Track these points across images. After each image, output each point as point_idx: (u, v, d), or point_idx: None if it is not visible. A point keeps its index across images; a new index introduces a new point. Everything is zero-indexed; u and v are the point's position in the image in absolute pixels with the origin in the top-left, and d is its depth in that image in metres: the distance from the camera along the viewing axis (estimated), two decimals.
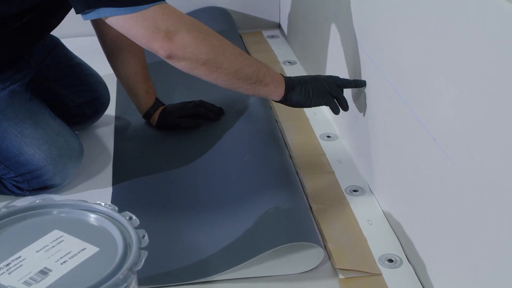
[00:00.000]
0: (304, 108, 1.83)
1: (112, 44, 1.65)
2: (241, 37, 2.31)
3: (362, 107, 1.52)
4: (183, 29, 1.29)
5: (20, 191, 1.50)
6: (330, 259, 1.29)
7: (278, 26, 2.43)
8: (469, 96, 1.00)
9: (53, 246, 1.02)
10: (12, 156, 1.46)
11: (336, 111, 1.47)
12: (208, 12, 2.34)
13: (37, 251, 1.01)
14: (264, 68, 1.40)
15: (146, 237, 1.04)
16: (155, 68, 1.98)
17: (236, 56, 1.36)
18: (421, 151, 1.20)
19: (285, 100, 1.44)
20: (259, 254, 1.24)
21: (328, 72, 1.80)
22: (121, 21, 1.27)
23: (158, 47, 1.29)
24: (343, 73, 1.64)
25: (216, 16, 2.32)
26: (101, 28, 1.65)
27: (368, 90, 1.47)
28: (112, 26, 1.30)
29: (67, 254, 1.01)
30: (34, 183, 1.49)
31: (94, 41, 1.70)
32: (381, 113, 1.40)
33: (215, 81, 1.37)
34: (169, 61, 1.33)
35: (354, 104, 1.56)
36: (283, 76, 1.44)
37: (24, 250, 1.01)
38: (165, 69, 2.05)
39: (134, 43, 1.66)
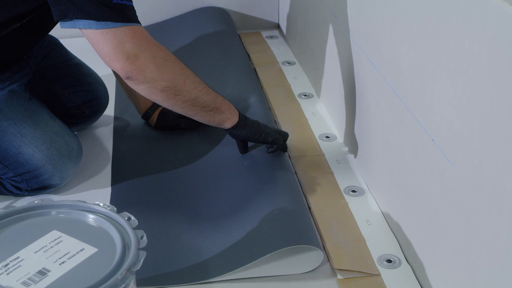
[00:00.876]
0: (303, 109, 1.84)
1: None
2: (240, 37, 2.31)
3: (361, 107, 1.52)
4: (147, 54, 1.30)
5: (19, 191, 1.50)
6: (329, 259, 1.29)
7: (277, 26, 2.43)
8: (468, 97, 1.00)
9: (52, 247, 1.02)
10: (11, 156, 1.46)
11: (271, 150, 1.52)
12: (207, 12, 2.34)
13: (36, 252, 1.01)
14: (220, 98, 1.44)
15: (145, 238, 1.04)
16: None
17: (195, 85, 1.39)
18: (419, 151, 1.20)
19: (237, 127, 1.47)
20: (258, 257, 1.24)
21: (327, 72, 1.80)
22: (91, 34, 1.29)
23: (119, 67, 1.30)
24: (341, 75, 1.64)
25: (215, 16, 2.32)
26: None
27: (367, 91, 1.47)
28: (85, 37, 1.31)
29: (66, 254, 1.01)
30: (33, 183, 1.49)
31: None
32: (380, 113, 1.40)
33: (172, 107, 1.40)
34: (128, 82, 1.34)
35: (353, 105, 1.57)
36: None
37: (23, 250, 1.01)
38: None
39: None
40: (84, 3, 1.26)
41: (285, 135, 1.56)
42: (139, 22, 1.32)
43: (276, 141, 1.51)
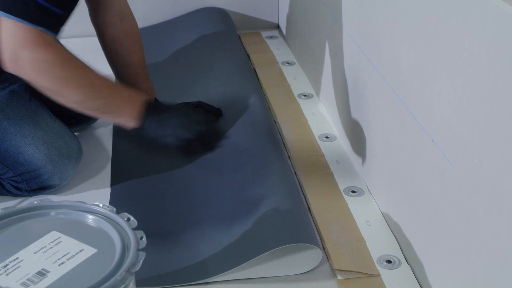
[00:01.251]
0: (303, 109, 1.84)
1: (112, 44, 1.65)
2: (239, 37, 2.31)
3: (361, 107, 1.52)
4: (31, 56, 1.30)
5: (19, 192, 1.50)
6: (328, 260, 1.29)
7: (277, 26, 2.43)
8: (468, 97, 1.00)
9: (51, 247, 1.02)
10: (11, 156, 1.46)
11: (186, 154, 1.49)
12: (207, 13, 2.34)
13: (35, 252, 1.01)
14: (118, 101, 1.42)
15: (144, 239, 1.04)
16: (154, 68, 1.97)
17: (81, 90, 1.38)
18: (419, 152, 1.20)
19: (138, 131, 1.44)
20: (257, 255, 1.23)
21: (327, 73, 1.80)
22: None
23: (4, 61, 1.31)
24: (341, 75, 1.64)
25: (215, 16, 2.32)
26: (101, 29, 1.64)
27: (367, 91, 1.47)
28: None
29: (65, 255, 1.01)
30: (33, 183, 1.49)
31: (93, 41, 1.70)
32: (379, 114, 1.40)
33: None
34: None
35: (353, 105, 1.56)
36: (144, 108, 1.42)
37: (22, 251, 1.01)
38: (164, 69, 2.05)
39: (135, 44, 1.67)
40: None
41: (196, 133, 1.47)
42: (45, 27, 1.31)
43: (181, 150, 1.48)
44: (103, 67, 1.72)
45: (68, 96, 1.38)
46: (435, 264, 1.18)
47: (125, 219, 1.07)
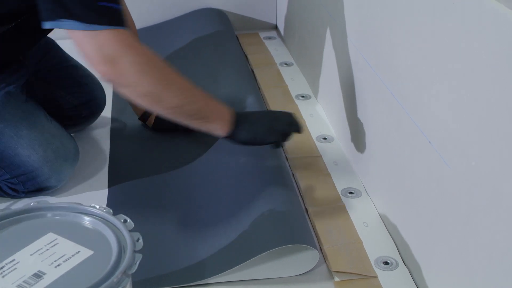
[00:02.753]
0: (301, 110, 1.84)
1: None
2: (237, 38, 2.30)
3: (358, 109, 1.52)
4: (128, 58, 1.26)
5: (16, 193, 1.50)
6: (325, 261, 1.29)
7: (275, 27, 2.43)
8: (465, 99, 1.00)
9: (47, 249, 1.02)
10: (8, 157, 1.46)
11: (276, 147, 1.47)
12: (205, 14, 2.34)
13: (31, 254, 1.01)
14: (212, 106, 1.37)
15: (141, 240, 1.03)
16: None
17: (180, 92, 1.32)
18: (417, 154, 1.20)
19: (230, 137, 1.40)
20: (254, 256, 1.23)
21: (325, 74, 1.80)
22: (74, 35, 1.25)
23: (99, 70, 1.27)
24: (339, 76, 1.64)
25: (213, 17, 2.32)
26: None
27: (365, 92, 1.47)
28: (71, 38, 1.28)
29: (61, 257, 1.00)
30: (30, 184, 1.48)
31: None
32: (377, 115, 1.40)
33: (158, 112, 1.37)
34: (111, 85, 1.29)
35: (351, 106, 1.56)
36: (234, 112, 1.39)
37: (18, 253, 1.01)
38: None
39: None
40: (71, 4, 1.24)
41: (294, 128, 1.47)
42: (124, 26, 1.28)
43: (274, 142, 1.46)
44: None
45: (168, 100, 1.31)
46: (433, 265, 1.18)
47: (122, 221, 1.07)
